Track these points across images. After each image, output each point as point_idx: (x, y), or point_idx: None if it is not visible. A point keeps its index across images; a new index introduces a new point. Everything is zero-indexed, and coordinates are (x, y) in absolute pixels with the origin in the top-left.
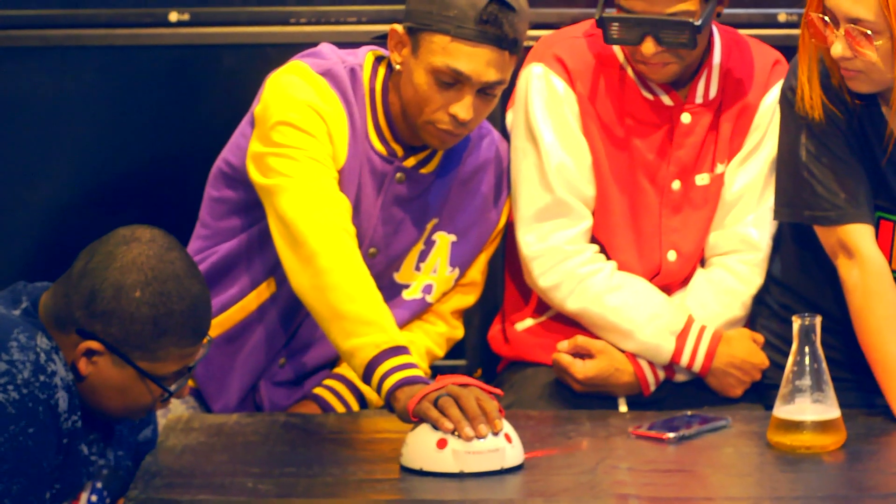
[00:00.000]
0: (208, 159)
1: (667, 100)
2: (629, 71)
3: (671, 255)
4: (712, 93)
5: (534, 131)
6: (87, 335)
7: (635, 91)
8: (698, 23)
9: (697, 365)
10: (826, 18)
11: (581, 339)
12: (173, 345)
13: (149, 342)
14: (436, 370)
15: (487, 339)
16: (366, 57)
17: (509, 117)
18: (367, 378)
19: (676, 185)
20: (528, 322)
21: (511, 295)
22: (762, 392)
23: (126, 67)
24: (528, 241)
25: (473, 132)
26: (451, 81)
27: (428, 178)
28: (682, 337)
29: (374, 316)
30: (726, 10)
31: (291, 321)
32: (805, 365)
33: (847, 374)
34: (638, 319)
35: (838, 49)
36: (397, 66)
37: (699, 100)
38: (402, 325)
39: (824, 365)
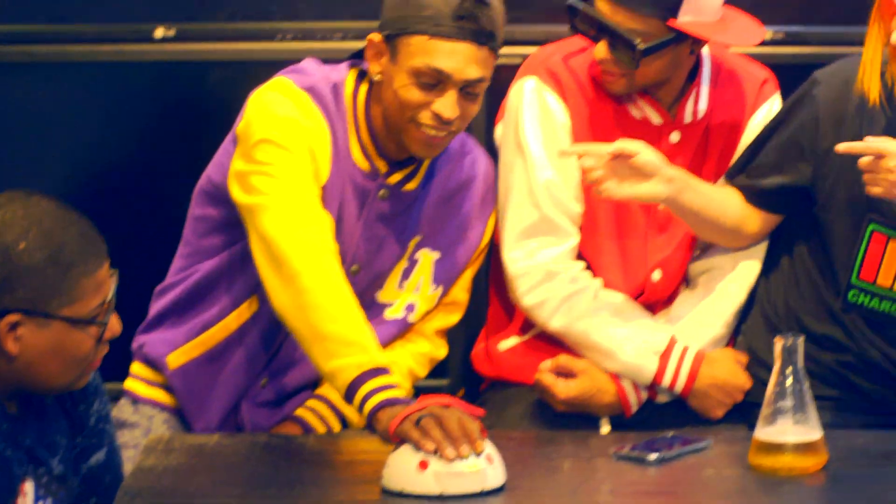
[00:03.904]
0: (195, 176)
1: (655, 118)
2: None
3: (656, 275)
4: (701, 112)
5: (523, 146)
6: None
7: (624, 109)
8: (642, 47)
9: (679, 386)
10: None
11: (563, 359)
12: (82, 275)
13: (59, 284)
14: (418, 390)
15: (471, 358)
16: (348, 72)
17: (498, 131)
18: (348, 399)
19: (663, 204)
20: (512, 341)
21: (495, 314)
22: (747, 411)
23: (112, 83)
24: (514, 258)
25: (456, 149)
26: (433, 82)
27: (411, 194)
28: (664, 357)
29: (356, 336)
30: None
31: (273, 341)
32: (787, 386)
33: (829, 391)
34: (621, 339)
35: None
36: (377, 77)
37: (688, 119)
38: (385, 344)
39: (806, 385)
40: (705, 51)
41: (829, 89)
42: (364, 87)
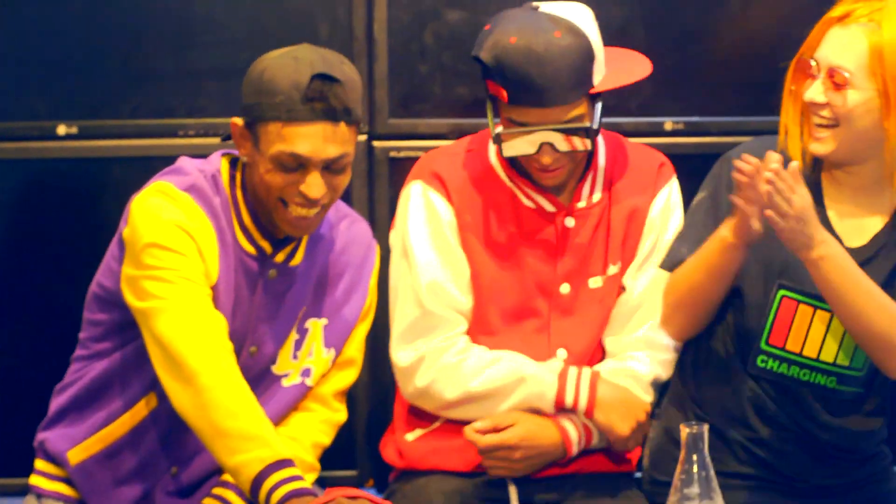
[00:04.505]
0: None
1: (548, 206)
2: (507, 182)
3: (561, 353)
4: (596, 196)
5: (407, 249)
6: None
7: (516, 201)
8: (595, 126)
9: (582, 401)
10: (812, 62)
11: (495, 418)
12: None
13: None
14: (326, 482)
15: (379, 448)
16: (220, 162)
17: (392, 237)
18: (254, 493)
19: (566, 288)
20: (419, 432)
21: (401, 408)
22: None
23: (15, 181)
24: (401, 358)
25: (331, 216)
26: (295, 165)
27: (297, 269)
28: (562, 376)
29: (258, 431)
30: (613, 120)
31: (176, 432)
32: (693, 473)
33: (743, 469)
34: (517, 375)
35: (812, 92)
36: (245, 160)
37: (583, 203)
38: (284, 412)
39: (712, 472)
40: (600, 138)
41: None
42: (239, 173)
